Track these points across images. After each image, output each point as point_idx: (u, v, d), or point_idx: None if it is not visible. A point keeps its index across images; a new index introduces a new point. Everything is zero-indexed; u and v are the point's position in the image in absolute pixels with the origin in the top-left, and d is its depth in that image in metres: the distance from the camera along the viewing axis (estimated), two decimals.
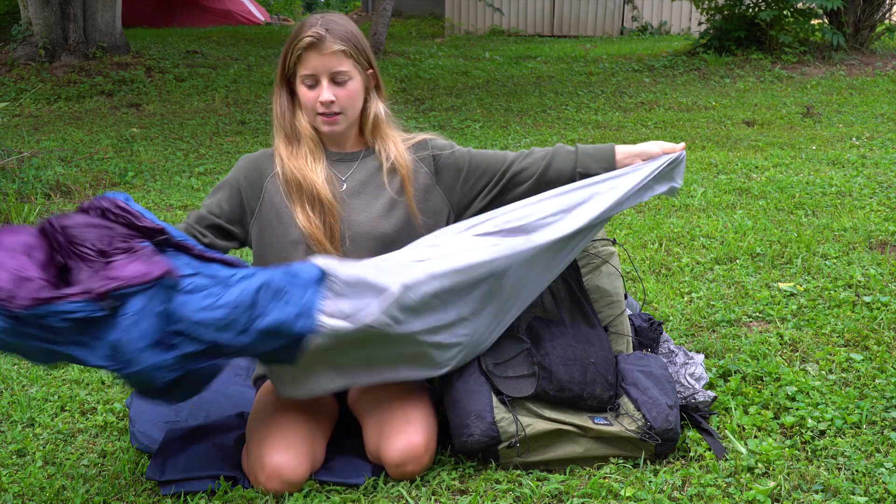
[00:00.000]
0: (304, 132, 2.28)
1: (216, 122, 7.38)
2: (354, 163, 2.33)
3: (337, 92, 2.22)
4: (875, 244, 3.63)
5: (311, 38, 2.18)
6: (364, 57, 2.26)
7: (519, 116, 7.46)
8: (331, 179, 2.27)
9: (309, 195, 2.23)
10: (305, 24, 2.23)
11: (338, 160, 2.32)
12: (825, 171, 4.99)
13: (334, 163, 2.32)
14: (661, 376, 2.22)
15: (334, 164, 2.32)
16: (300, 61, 2.21)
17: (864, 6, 9.53)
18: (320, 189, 2.23)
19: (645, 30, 14.20)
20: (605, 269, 2.57)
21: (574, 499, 1.96)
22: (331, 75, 2.21)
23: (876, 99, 7.53)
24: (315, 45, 2.18)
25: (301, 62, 2.21)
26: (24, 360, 1.89)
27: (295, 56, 2.22)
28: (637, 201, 2.31)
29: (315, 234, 2.21)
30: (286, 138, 2.30)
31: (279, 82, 2.30)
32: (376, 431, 2.12)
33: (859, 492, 1.93)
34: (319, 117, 2.25)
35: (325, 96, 2.21)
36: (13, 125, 7.22)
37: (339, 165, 2.32)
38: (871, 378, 2.44)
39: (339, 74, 2.21)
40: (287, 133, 2.30)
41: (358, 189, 2.30)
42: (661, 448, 2.11)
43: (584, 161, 2.34)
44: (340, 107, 2.23)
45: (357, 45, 2.24)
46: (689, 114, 7.35)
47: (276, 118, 2.32)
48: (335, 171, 2.31)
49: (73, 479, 2.15)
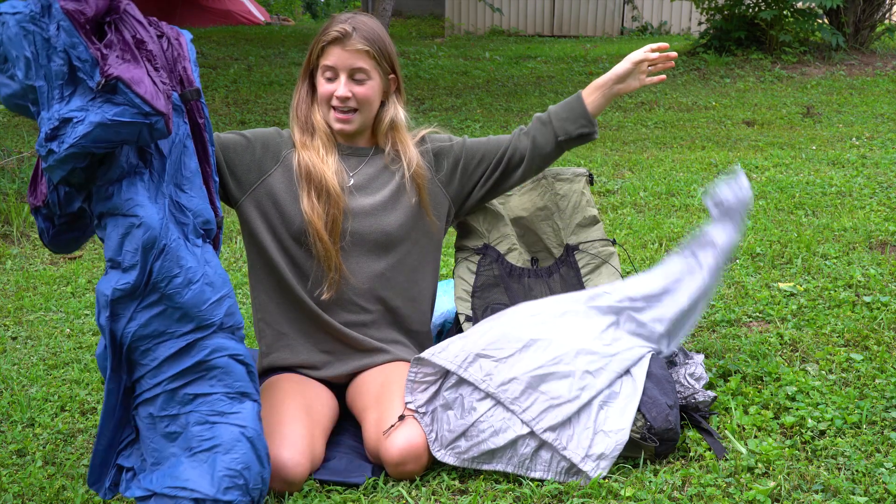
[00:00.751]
0: (318, 125, 2.32)
1: (216, 122, 7.38)
2: (364, 158, 2.37)
3: (354, 89, 2.26)
4: (875, 244, 3.63)
5: (337, 33, 2.23)
6: (387, 60, 2.30)
7: (519, 116, 7.46)
8: (340, 172, 2.31)
9: (317, 184, 2.26)
10: (335, 20, 2.28)
11: (348, 154, 2.36)
12: (825, 171, 4.99)
13: (345, 157, 2.35)
14: (660, 376, 2.21)
15: (344, 157, 2.35)
16: (323, 53, 2.26)
17: (864, 6, 9.53)
18: (329, 179, 2.26)
19: (645, 30, 14.20)
20: (605, 270, 2.58)
21: (574, 499, 1.96)
22: (350, 71, 2.25)
23: (876, 99, 7.53)
24: (340, 40, 2.23)
25: (324, 54, 2.26)
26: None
27: (319, 48, 2.27)
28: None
29: (315, 222, 2.23)
30: (301, 129, 2.34)
31: (302, 75, 2.36)
32: (376, 431, 2.12)
33: (859, 492, 1.93)
34: (333, 112, 2.29)
35: (341, 91, 2.25)
36: (13, 125, 7.21)
37: (349, 160, 2.35)
38: (871, 378, 2.44)
39: (358, 72, 2.25)
40: (301, 124, 2.34)
41: (365, 184, 2.33)
42: (661, 448, 2.11)
43: (561, 126, 2.42)
44: (356, 104, 2.27)
45: (381, 47, 2.28)
46: (689, 114, 7.35)
47: (293, 108, 2.36)
48: (345, 164, 2.33)
49: (73, 479, 2.15)
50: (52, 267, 3.92)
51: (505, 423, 2.05)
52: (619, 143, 6.21)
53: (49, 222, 1.95)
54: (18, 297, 3.52)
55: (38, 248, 4.21)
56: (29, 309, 3.38)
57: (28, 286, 3.65)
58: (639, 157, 5.64)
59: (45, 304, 3.41)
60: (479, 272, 2.52)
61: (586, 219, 2.62)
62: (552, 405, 2.05)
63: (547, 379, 2.07)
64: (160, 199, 1.84)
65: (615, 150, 5.99)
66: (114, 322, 1.82)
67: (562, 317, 2.21)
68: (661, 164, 5.39)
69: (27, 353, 2.96)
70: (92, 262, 3.94)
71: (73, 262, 3.95)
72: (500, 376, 2.07)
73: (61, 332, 3.15)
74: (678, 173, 5.13)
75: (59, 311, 3.35)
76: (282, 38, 12.98)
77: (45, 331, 3.16)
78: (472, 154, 2.41)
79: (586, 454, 2.02)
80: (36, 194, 1.92)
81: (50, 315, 3.32)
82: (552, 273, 2.57)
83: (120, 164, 1.79)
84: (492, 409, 2.06)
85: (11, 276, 3.79)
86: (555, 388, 2.06)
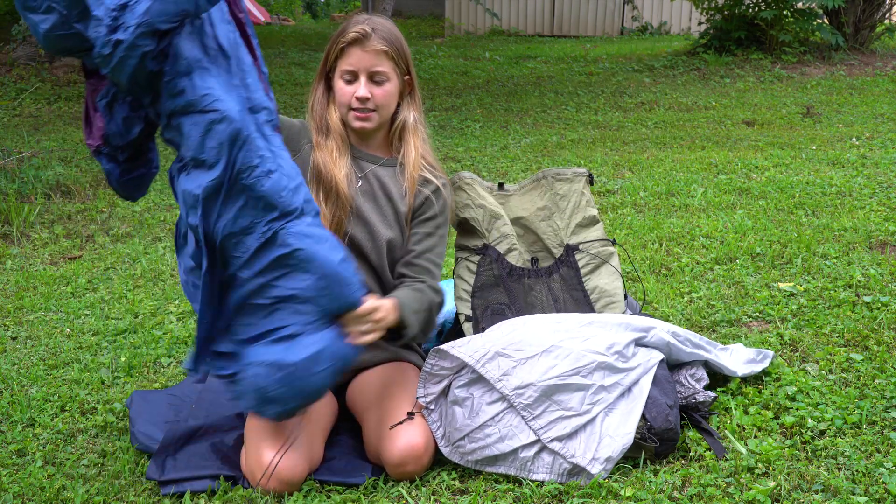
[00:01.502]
0: (333, 127, 2.32)
1: None
2: (374, 165, 2.36)
3: (373, 90, 2.26)
4: (875, 244, 3.63)
5: (356, 34, 2.22)
6: (404, 61, 2.30)
7: (519, 116, 7.46)
8: (350, 175, 2.31)
9: (327, 185, 2.27)
10: (352, 21, 2.27)
11: (360, 158, 2.36)
12: (825, 171, 4.99)
13: (356, 160, 2.35)
14: (660, 376, 2.21)
15: (355, 161, 2.35)
16: (342, 55, 2.25)
17: (864, 6, 9.53)
18: (339, 182, 2.26)
19: (645, 30, 14.20)
20: (605, 270, 2.58)
21: (574, 499, 1.96)
22: (370, 73, 2.25)
23: (876, 99, 7.54)
24: (359, 41, 2.23)
25: (343, 56, 2.25)
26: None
27: (338, 49, 2.26)
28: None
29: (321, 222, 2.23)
30: (316, 129, 2.34)
31: (319, 76, 2.35)
32: (376, 431, 2.12)
33: (859, 492, 1.93)
34: (352, 112, 2.29)
35: (361, 92, 2.25)
36: (13, 125, 7.22)
37: (359, 163, 2.35)
38: (871, 378, 2.44)
39: (377, 74, 2.25)
40: (317, 125, 2.34)
41: (371, 190, 2.32)
42: (661, 448, 2.11)
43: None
44: (375, 105, 2.27)
45: (399, 48, 2.28)
46: (689, 114, 7.35)
47: (308, 109, 2.37)
48: (355, 167, 2.34)
49: (73, 479, 2.15)
50: (52, 267, 3.92)
51: (512, 430, 2.05)
52: (619, 143, 6.21)
53: (113, 162, 1.95)
54: (18, 297, 3.52)
55: (37, 248, 4.21)
56: (29, 309, 3.38)
57: (28, 286, 3.65)
58: (639, 157, 5.64)
59: (45, 304, 3.41)
60: (478, 272, 2.52)
61: (586, 219, 2.62)
62: (563, 416, 2.05)
63: (562, 390, 2.07)
64: (233, 92, 1.83)
65: (615, 150, 5.99)
66: (205, 220, 1.82)
67: (588, 326, 2.21)
68: (661, 164, 5.39)
69: (27, 353, 2.96)
70: (92, 263, 3.95)
71: (73, 263, 3.95)
72: (517, 379, 2.07)
73: (61, 332, 3.15)
74: (678, 173, 5.13)
75: (59, 311, 3.35)
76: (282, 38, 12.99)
77: (45, 331, 3.16)
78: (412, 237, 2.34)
79: (594, 457, 2.03)
80: (92, 133, 1.91)
81: (50, 315, 3.32)
82: (552, 273, 2.57)
83: (185, 56, 1.78)
84: (501, 414, 2.06)
85: (11, 276, 3.79)
86: (568, 400, 2.07)
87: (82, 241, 4.31)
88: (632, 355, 2.20)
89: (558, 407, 2.06)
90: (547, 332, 2.16)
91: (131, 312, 3.30)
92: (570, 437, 2.04)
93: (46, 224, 4.56)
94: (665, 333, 2.29)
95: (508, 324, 2.25)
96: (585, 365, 2.10)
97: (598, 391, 2.09)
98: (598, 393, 2.09)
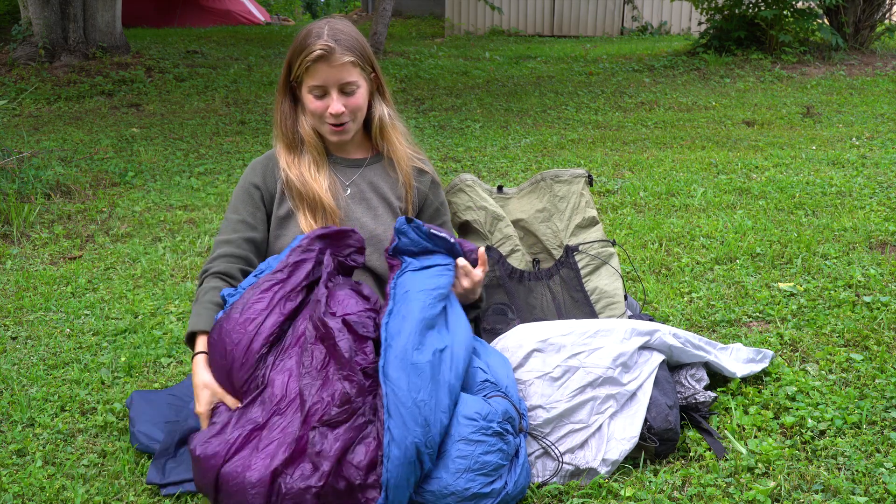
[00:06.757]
0: (306, 138, 2.29)
1: (216, 122, 7.38)
2: (359, 169, 2.34)
3: (346, 102, 2.23)
4: (875, 244, 3.63)
5: (321, 51, 2.16)
6: (368, 62, 2.27)
7: (519, 116, 7.46)
8: (334, 185, 2.29)
9: (311, 202, 2.25)
10: (312, 34, 2.20)
11: (343, 165, 2.34)
12: (825, 171, 4.99)
13: (339, 168, 2.33)
14: (660, 377, 2.22)
15: (339, 169, 2.33)
16: (308, 72, 2.20)
17: (864, 6, 9.53)
18: (322, 197, 2.24)
19: (645, 30, 14.20)
20: (604, 270, 2.58)
21: (574, 499, 1.96)
22: (340, 87, 2.21)
23: (876, 99, 7.53)
24: (325, 57, 2.17)
25: (310, 73, 2.20)
26: None
27: (304, 67, 2.20)
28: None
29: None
30: (287, 146, 2.31)
31: (281, 90, 2.30)
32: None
33: (859, 492, 1.93)
34: (327, 126, 2.26)
35: (335, 108, 2.21)
36: (13, 125, 7.22)
37: (344, 171, 2.34)
38: (871, 378, 2.44)
39: (348, 85, 2.22)
40: (288, 140, 2.30)
41: (361, 195, 2.31)
42: (661, 448, 2.11)
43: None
44: (349, 116, 2.25)
45: (363, 52, 2.24)
46: (689, 114, 7.35)
47: (276, 125, 2.32)
48: (340, 176, 2.32)
49: (73, 479, 2.15)
50: (52, 267, 3.92)
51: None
52: (619, 143, 6.21)
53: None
54: (18, 297, 3.52)
55: (37, 248, 4.21)
56: (29, 309, 3.38)
57: (28, 286, 3.65)
58: (639, 157, 5.64)
59: (45, 304, 3.41)
60: None
61: (585, 220, 2.62)
62: (573, 430, 2.08)
63: (572, 410, 2.09)
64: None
65: (615, 150, 5.99)
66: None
67: (594, 337, 2.21)
68: (661, 164, 5.39)
69: (27, 353, 2.96)
70: (92, 263, 3.95)
71: (73, 262, 3.95)
72: (528, 401, 2.10)
73: (61, 332, 3.15)
74: (678, 173, 5.13)
75: (59, 311, 3.35)
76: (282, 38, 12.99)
77: (45, 331, 3.16)
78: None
79: (603, 459, 2.04)
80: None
81: (50, 315, 3.32)
82: (552, 275, 2.57)
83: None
84: None
85: (11, 276, 3.79)
86: (577, 414, 2.09)
87: (82, 241, 4.31)
88: (636, 363, 2.21)
89: (569, 421, 2.08)
90: (553, 353, 2.17)
91: (131, 312, 3.30)
92: (581, 447, 2.07)
93: (46, 224, 4.56)
94: (668, 336, 2.30)
95: (514, 339, 2.25)
96: (593, 381, 2.12)
97: (605, 400, 2.11)
98: (606, 402, 2.11)
